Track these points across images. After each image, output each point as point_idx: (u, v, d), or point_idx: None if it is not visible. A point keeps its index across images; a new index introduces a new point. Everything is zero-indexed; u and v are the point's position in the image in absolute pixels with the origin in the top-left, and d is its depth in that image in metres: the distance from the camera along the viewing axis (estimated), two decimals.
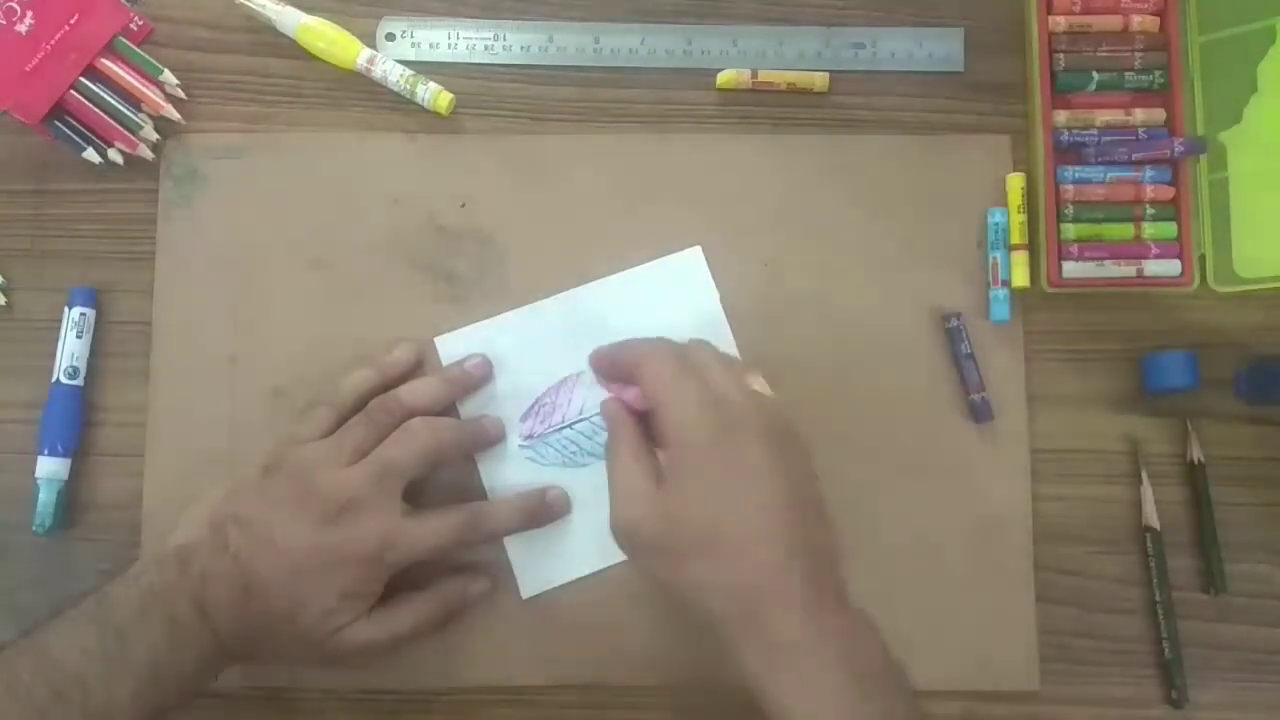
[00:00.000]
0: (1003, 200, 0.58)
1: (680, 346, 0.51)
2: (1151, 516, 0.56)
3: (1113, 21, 0.59)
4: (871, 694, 0.43)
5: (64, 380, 0.56)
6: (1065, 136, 0.58)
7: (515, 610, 0.56)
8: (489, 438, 0.56)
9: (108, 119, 0.57)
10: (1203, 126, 0.58)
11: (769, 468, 0.46)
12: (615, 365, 0.52)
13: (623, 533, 0.47)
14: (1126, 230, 0.57)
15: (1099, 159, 0.58)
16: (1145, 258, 0.57)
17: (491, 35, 0.60)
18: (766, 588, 0.44)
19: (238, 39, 0.60)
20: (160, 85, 0.57)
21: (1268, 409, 0.58)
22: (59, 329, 0.57)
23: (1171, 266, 0.57)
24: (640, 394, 0.49)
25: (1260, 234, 0.56)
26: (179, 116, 0.58)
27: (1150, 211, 0.58)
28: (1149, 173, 0.58)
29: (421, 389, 0.54)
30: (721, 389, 0.47)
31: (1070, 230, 0.57)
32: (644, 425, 0.49)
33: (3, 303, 0.58)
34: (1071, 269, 0.57)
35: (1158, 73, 0.58)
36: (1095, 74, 0.58)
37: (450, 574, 0.54)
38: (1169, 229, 0.57)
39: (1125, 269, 0.57)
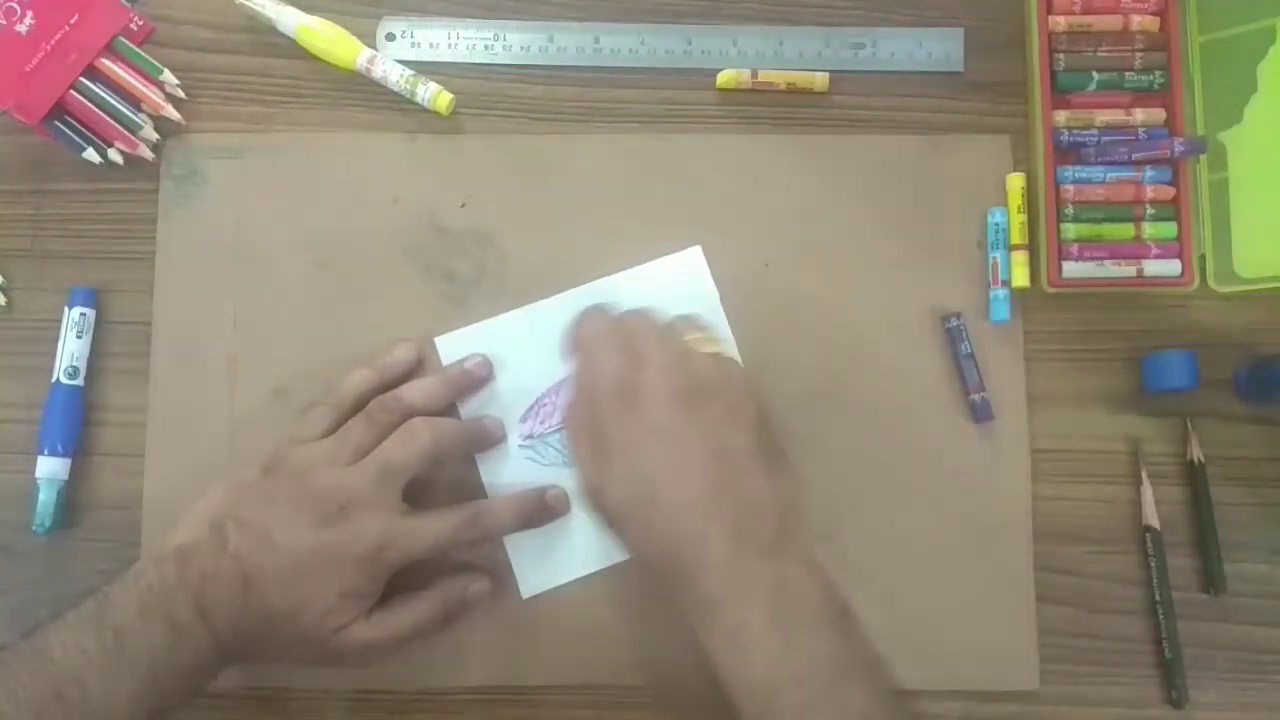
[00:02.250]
0: (1003, 200, 0.58)
1: (614, 313, 0.52)
2: (1151, 516, 0.56)
3: (1113, 21, 0.59)
4: (801, 638, 0.43)
5: (64, 380, 0.56)
6: (1065, 136, 0.58)
7: (515, 610, 0.56)
8: (489, 438, 0.56)
9: (108, 119, 0.57)
10: (1203, 126, 0.58)
11: (677, 429, 0.46)
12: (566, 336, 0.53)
13: (585, 504, 0.49)
14: (1126, 230, 0.57)
15: (1099, 159, 0.58)
16: (1145, 258, 0.57)
17: (491, 35, 0.60)
18: (685, 550, 0.44)
19: (238, 39, 0.60)
20: (160, 85, 0.57)
21: (1268, 409, 0.57)
22: (59, 329, 0.57)
23: (1171, 266, 0.57)
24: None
25: (1260, 234, 0.56)
26: (179, 116, 0.58)
27: (1150, 211, 0.58)
28: (1149, 173, 0.58)
29: (421, 389, 0.54)
30: (640, 350, 0.48)
31: (1070, 230, 0.57)
32: None
33: (3, 303, 0.58)
34: (1071, 269, 0.57)
35: (1158, 73, 0.58)
36: (1095, 74, 0.58)
37: (450, 574, 0.54)
38: (1169, 229, 0.57)
39: (1125, 269, 0.57)
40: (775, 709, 0.42)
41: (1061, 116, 0.58)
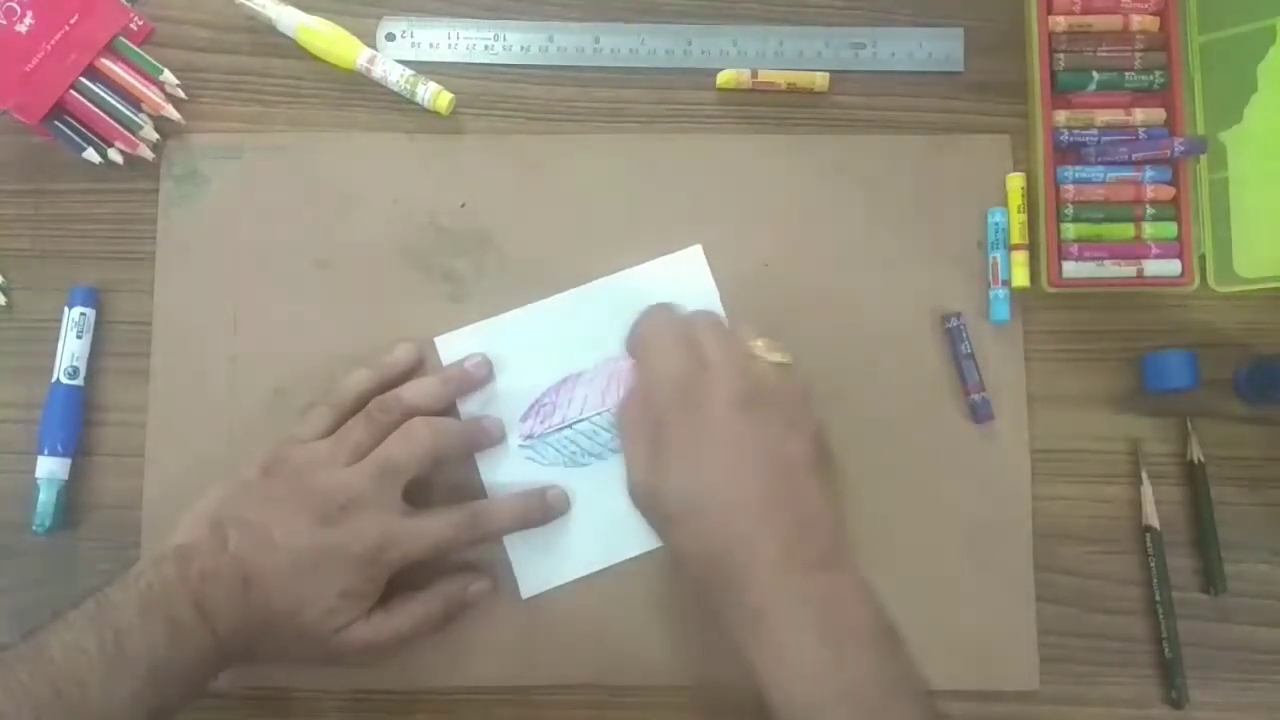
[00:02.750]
0: (1003, 200, 0.58)
1: (679, 313, 0.51)
2: (1151, 516, 0.56)
3: (1113, 21, 0.59)
4: (847, 654, 0.42)
5: (64, 380, 0.56)
6: (1065, 136, 0.58)
7: (515, 610, 0.56)
8: (489, 438, 0.56)
9: (108, 119, 0.56)
10: (1203, 126, 0.58)
11: (737, 433, 0.46)
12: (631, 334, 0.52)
13: (633, 501, 0.49)
14: (1126, 230, 0.57)
15: (1099, 159, 0.58)
16: (1145, 258, 0.57)
17: (491, 35, 0.60)
18: (735, 553, 0.44)
19: (238, 39, 0.60)
20: (160, 85, 0.57)
21: (1268, 409, 0.57)
22: (59, 329, 0.57)
23: (1171, 266, 0.57)
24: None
25: (1260, 234, 0.56)
26: (179, 116, 0.58)
27: (1150, 211, 0.58)
28: (1149, 173, 0.58)
29: (421, 389, 0.55)
30: (705, 353, 0.48)
31: (1070, 230, 0.57)
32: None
33: (3, 303, 0.58)
34: (1071, 269, 0.57)
35: (1158, 73, 0.58)
36: (1095, 74, 0.58)
37: (450, 574, 0.54)
38: (1169, 229, 0.57)
39: (1125, 269, 0.57)
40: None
41: (1061, 116, 0.58)
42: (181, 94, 0.58)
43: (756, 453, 0.46)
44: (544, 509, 0.55)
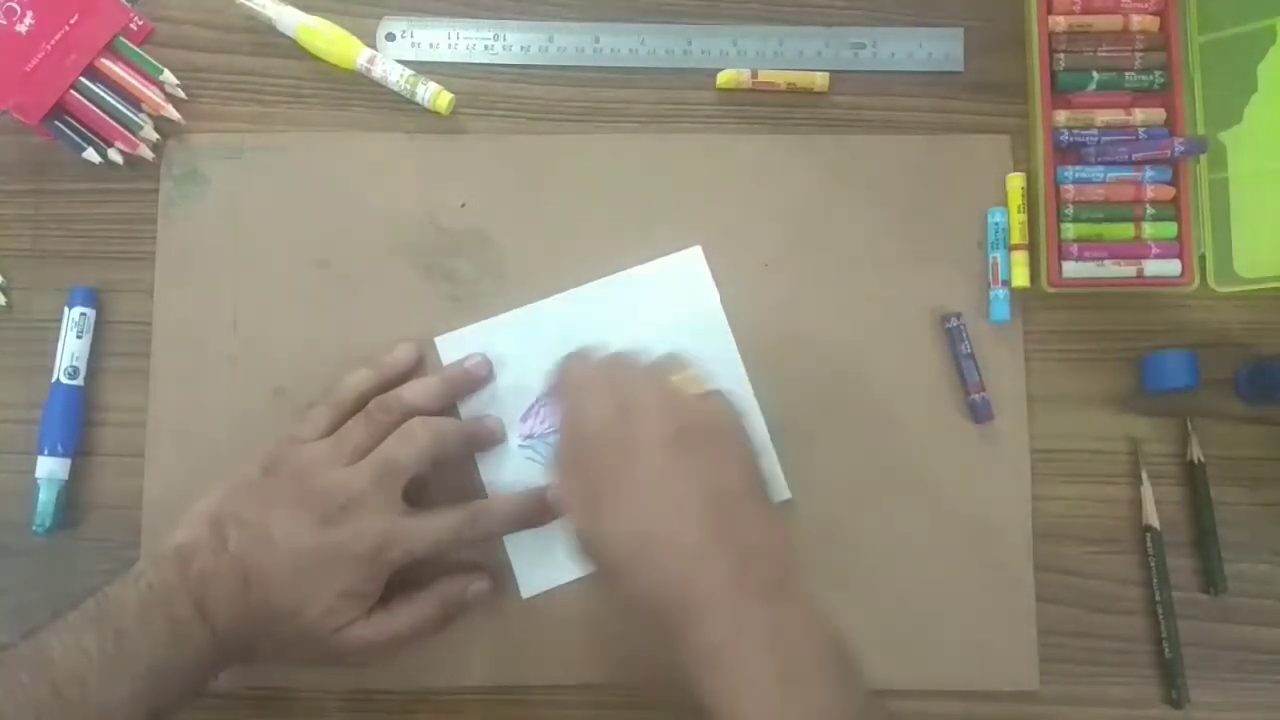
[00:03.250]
0: (1003, 200, 0.58)
1: (598, 357, 0.50)
2: (1151, 516, 0.56)
3: (1113, 21, 0.59)
4: (804, 688, 0.41)
5: (64, 380, 0.56)
6: (1065, 136, 0.58)
7: (515, 610, 0.56)
8: (489, 438, 0.56)
9: (108, 119, 0.57)
10: (1203, 126, 0.58)
11: (670, 473, 0.44)
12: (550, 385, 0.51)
13: (575, 552, 0.47)
14: (1126, 230, 0.57)
15: (1099, 159, 0.58)
16: (1145, 258, 0.57)
17: (491, 35, 0.60)
18: (683, 594, 0.42)
19: (238, 39, 0.60)
20: (160, 85, 0.57)
21: (1268, 409, 0.57)
22: (59, 329, 0.57)
23: (1171, 266, 0.57)
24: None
25: (1260, 234, 0.56)
26: (179, 116, 0.58)
27: (1150, 211, 0.58)
28: (1149, 173, 0.58)
29: (421, 389, 0.54)
30: (629, 395, 0.46)
31: (1070, 230, 0.57)
32: None
33: (3, 303, 0.58)
34: (1071, 269, 0.57)
35: (1158, 73, 0.58)
36: (1095, 74, 0.58)
37: (450, 574, 0.54)
38: (1169, 229, 0.57)
39: (1125, 269, 0.57)
40: None
41: (1061, 116, 0.58)
42: (181, 94, 0.58)
43: (693, 492, 0.44)
44: (544, 509, 0.55)
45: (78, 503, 0.56)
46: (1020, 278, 0.57)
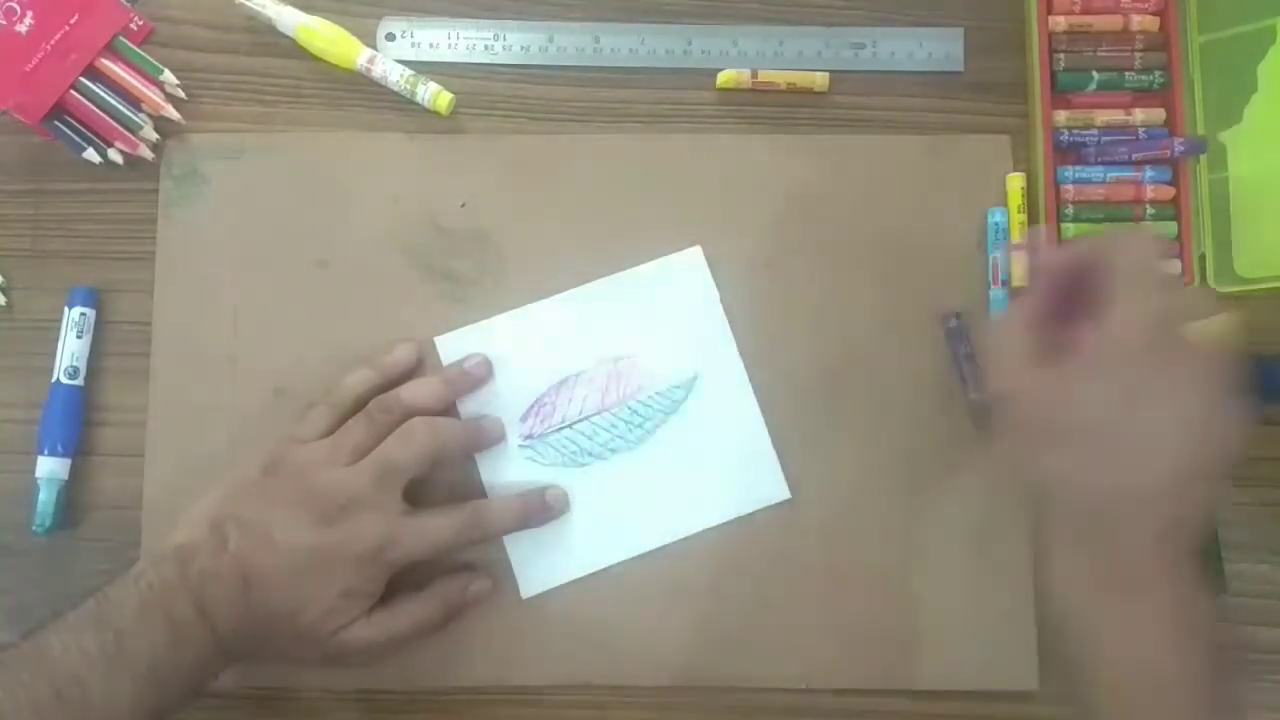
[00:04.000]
0: (1003, 200, 0.58)
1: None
2: None
3: (1113, 21, 0.59)
4: (1197, 644, 0.41)
5: (64, 380, 0.56)
6: (1065, 136, 0.58)
7: (515, 610, 0.56)
8: (489, 438, 0.56)
9: (108, 119, 0.56)
10: (1203, 126, 0.58)
11: (1191, 402, 0.43)
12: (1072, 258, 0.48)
13: (1000, 397, 0.46)
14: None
15: (1099, 159, 0.58)
16: None
17: (491, 35, 0.60)
18: (1128, 505, 0.42)
19: (238, 39, 0.60)
20: (160, 85, 0.57)
21: (1268, 409, 0.57)
22: (59, 329, 0.57)
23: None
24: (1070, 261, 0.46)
25: (1260, 234, 0.56)
26: (179, 116, 0.58)
27: (1150, 211, 0.58)
28: (1149, 173, 0.58)
29: (421, 389, 0.54)
30: (1181, 312, 0.45)
31: (1070, 230, 0.57)
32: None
33: (3, 303, 0.58)
34: None
35: (1158, 73, 0.58)
36: (1095, 74, 0.58)
37: (450, 574, 0.54)
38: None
39: None
40: (1143, 706, 0.41)
41: (1061, 116, 0.58)
42: (181, 94, 0.58)
43: (1197, 428, 0.43)
44: (544, 509, 0.55)
45: (78, 503, 0.56)
46: (1020, 278, 0.57)
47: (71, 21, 0.56)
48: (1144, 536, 0.42)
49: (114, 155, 0.57)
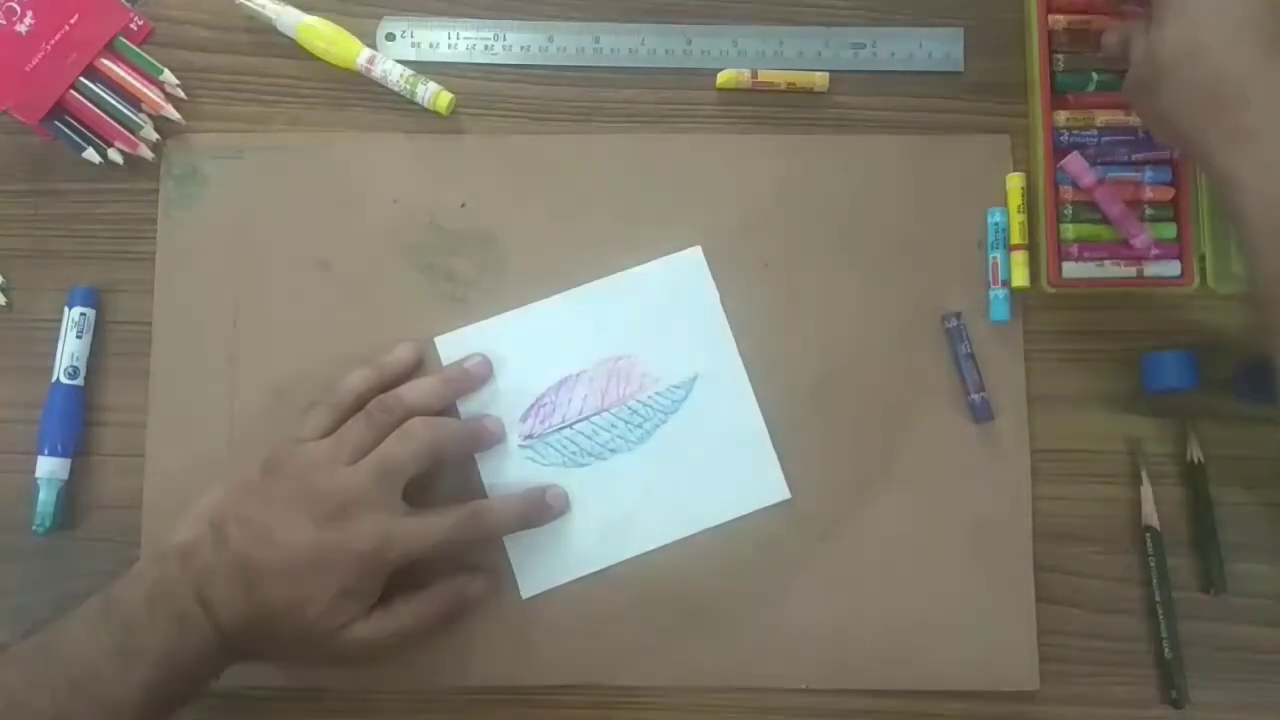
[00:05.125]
0: (1003, 200, 0.58)
1: None
2: (1151, 516, 0.56)
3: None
4: None
5: (64, 380, 0.56)
6: (1065, 137, 0.58)
7: (515, 610, 0.56)
8: (489, 438, 0.56)
9: (108, 119, 0.57)
10: None
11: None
12: None
13: (1125, 88, 0.52)
14: None
15: (1099, 159, 0.58)
16: (1145, 258, 0.57)
17: (491, 35, 0.60)
18: (1230, 85, 0.46)
19: (238, 39, 0.60)
20: (160, 85, 0.57)
21: (1267, 409, 0.57)
22: (59, 329, 0.57)
23: (1171, 267, 0.57)
24: None
25: None
26: (179, 116, 0.58)
27: (1150, 212, 0.58)
28: (1149, 173, 0.58)
29: (421, 389, 0.55)
30: None
31: (1070, 230, 0.57)
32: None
33: (3, 303, 0.58)
34: (1071, 269, 0.57)
35: None
36: (1095, 74, 0.58)
37: (450, 574, 0.54)
38: (1169, 229, 0.57)
39: (1125, 269, 0.57)
40: None
41: (1061, 117, 0.58)
42: (181, 94, 0.58)
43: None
44: (544, 509, 0.55)
45: (78, 503, 0.56)
46: (1020, 278, 0.57)
47: (71, 21, 0.56)
48: (1257, 99, 0.46)
49: (114, 155, 0.57)
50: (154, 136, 0.57)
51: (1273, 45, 0.46)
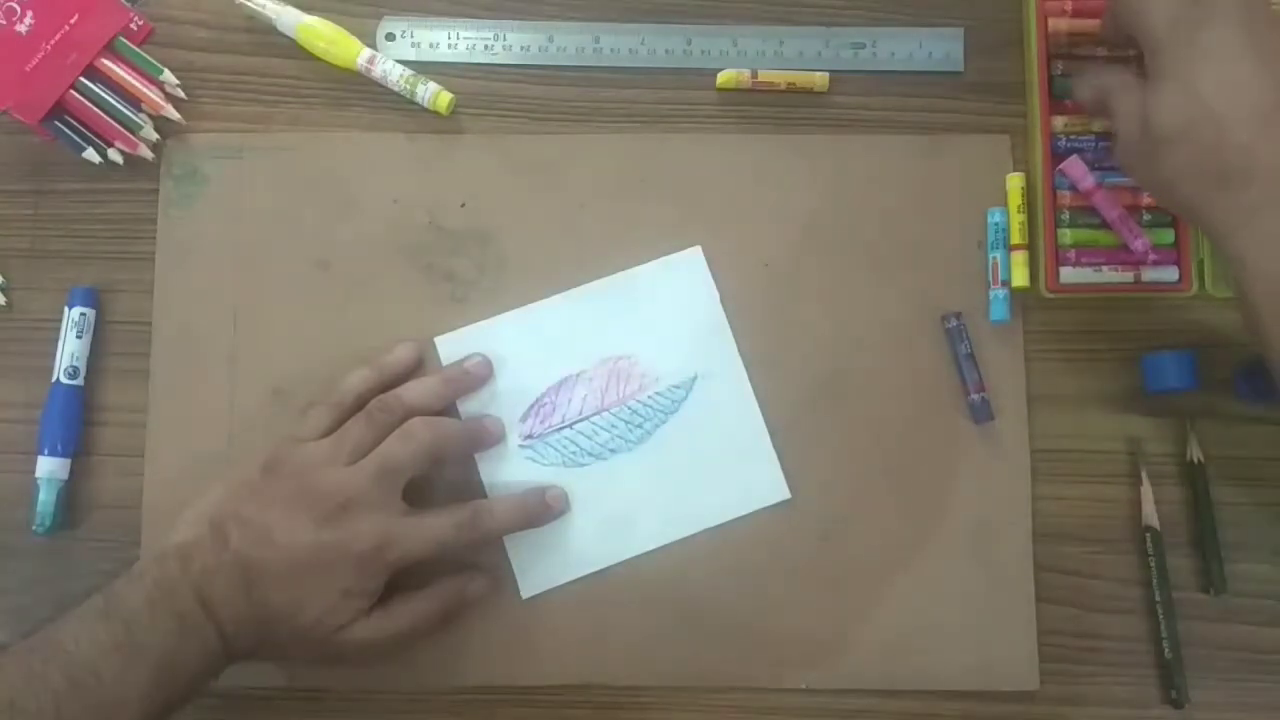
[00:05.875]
0: (1003, 200, 0.58)
1: None
2: (1151, 516, 0.56)
3: None
4: None
5: (64, 380, 0.56)
6: (1063, 142, 0.58)
7: (515, 610, 0.56)
8: (489, 438, 0.56)
9: (108, 119, 0.57)
10: None
11: (1239, 45, 0.46)
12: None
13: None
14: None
15: (1096, 164, 0.57)
16: (1143, 263, 0.57)
17: (491, 35, 0.60)
18: (1233, 160, 0.46)
19: (238, 39, 0.60)
20: (160, 85, 0.57)
21: (1267, 409, 0.57)
22: (59, 329, 0.57)
23: (1169, 273, 0.57)
24: None
25: None
26: (179, 116, 0.58)
27: (1147, 217, 0.57)
28: None
29: (421, 389, 0.55)
30: None
31: (1068, 235, 0.57)
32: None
33: (3, 303, 0.58)
34: (1069, 274, 0.57)
35: None
36: None
37: (450, 574, 0.54)
38: (1166, 235, 0.57)
39: (1123, 275, 0.57)
40: None
41: (1059, 122, 0.58)
42: (181, 94, 0.58)
43: (1259, 65, 0.46)
44: (544, 509, 0.55)
45: (78, 503, 0.56)
46: (1020, 278, 0.57)
47: (71, 21, 0.56)
48: (1259, 176, 0.46)
49: (114, 155, 0.57)
50: (154, 136, 0.57)
51: (1275, 118, 0.46)
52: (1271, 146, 0.45)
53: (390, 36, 0.60)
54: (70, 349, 0.56)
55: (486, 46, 0.60)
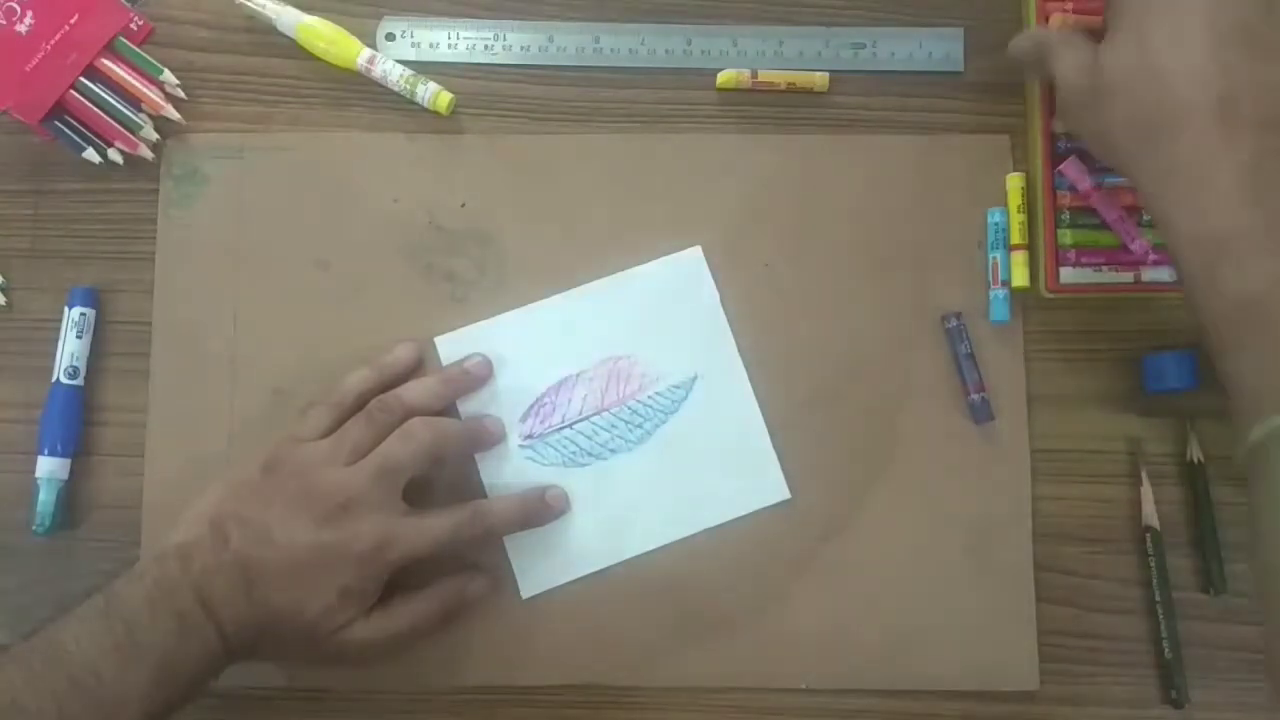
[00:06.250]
0: (1003, 200, 0.58)
1: None
2: (1151, 516, 0.56)
3: None
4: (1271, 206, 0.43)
5: (64, 380, 0.56)
6: (1062, 142, 0.58)
7: (515, 610, 0.56)
8: (489, 438, 0.56)
9: (108, 119, 0.57)
10: None
11: (1198, 2, 0.46)
12: None
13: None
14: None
15: (1096, 165, 0.57)
16: (1143, 264, 0.57)
17: (491, 35, 0.60)
18: (1170, 110, 0.45)
19: (238, 39, 0.60)
20: (160, 85, 0.57)
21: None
22: (59, 329, 0.57)
23: (1169, 273, 0.56)
24: None
25: None
26: (179, 116, 0.58)
27: (1147, 218, 0.57)
28: None
29: (421, 389, 0.55)
30: None
31: (1067, 236, 0.57)
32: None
33: (3, 303, 0.58)
34: (1069, 275, 0.57)
35: None
36: None
37: (450, 574, 0.54)
38: None
39: (1122, 275, 0.56)
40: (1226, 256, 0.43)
41: (1059, 123, 0.58)
42: (181, 94, 0.58)
43: (1216, 21, 0.45)
44: (544, 509, 0.55)
45: (78, 503, 0.56)
46: (1020, 278, 0.57)
47: (71, 21, 0.56)
48: (1190, 130, 0.45)
49: (114, 155, 0.57)
50: (154, 136, 0.57)
51: (1217, 79, 0.45)
52: (1206, 106, 0.45)
53: (390, 36, 0.60)
54: (70, 349, 0.56)
55: (486, 46, 0.60)
